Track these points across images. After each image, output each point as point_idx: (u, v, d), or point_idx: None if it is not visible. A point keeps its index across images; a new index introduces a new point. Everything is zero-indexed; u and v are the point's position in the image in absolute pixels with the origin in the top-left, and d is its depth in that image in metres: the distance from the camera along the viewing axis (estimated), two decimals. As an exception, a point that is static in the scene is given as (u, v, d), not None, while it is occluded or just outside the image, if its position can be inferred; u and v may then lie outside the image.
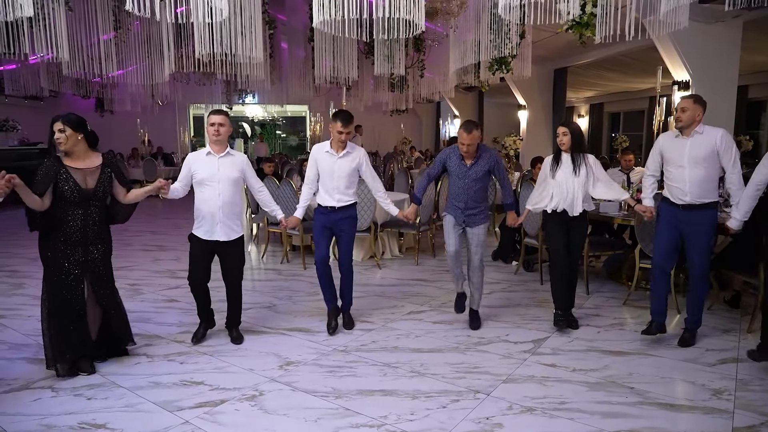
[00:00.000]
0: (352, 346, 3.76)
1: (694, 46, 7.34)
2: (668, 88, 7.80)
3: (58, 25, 5.89)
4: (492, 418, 2.79)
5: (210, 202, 3.61)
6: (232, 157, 3.70)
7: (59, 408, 2.88)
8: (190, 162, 3.68)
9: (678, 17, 4.02)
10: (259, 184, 3.89)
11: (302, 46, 10.14)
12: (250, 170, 3.80)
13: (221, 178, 3.62)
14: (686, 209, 3.60)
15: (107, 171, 3.29)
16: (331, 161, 3.92)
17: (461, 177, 3.91)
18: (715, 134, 3.53)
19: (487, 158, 3.90)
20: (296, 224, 4.12)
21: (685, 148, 3.58)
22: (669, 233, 3.70)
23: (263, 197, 3.92)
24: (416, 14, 3.90)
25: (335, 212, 3.95)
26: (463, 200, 3.92)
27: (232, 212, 3.69)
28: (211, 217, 3.62)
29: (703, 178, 3.54)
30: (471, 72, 8.42)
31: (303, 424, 2.75)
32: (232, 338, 3.84)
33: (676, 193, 3.64)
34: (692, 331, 3.72)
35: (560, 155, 3.99)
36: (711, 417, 2.81)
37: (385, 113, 14.98)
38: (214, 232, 3.64)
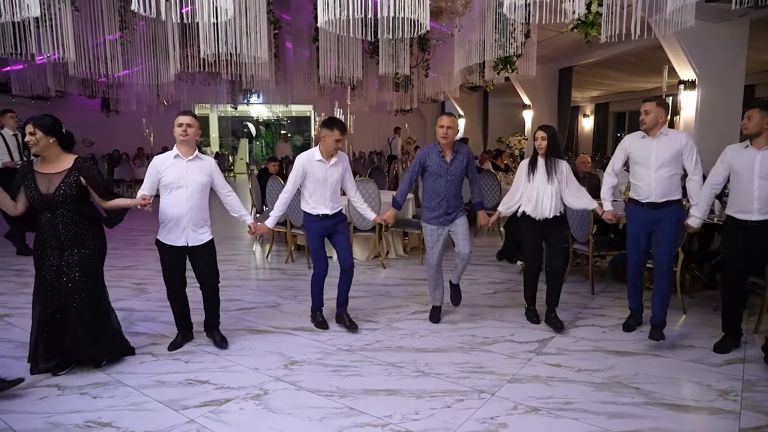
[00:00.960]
0: (357, 346, 3.76)
1: (701, 45, 7.31)
2: (674, 88, 7.77)
3: (65, 25, 5.92)
4: (497, 418, 2.78)
5: (177, 206, 3.47)
6: (200, 160, 3.57)
7: (65, 406, 2.89)
8: (156, 166, 3.51)
9: (684, 16, 4.00)
10: (227, 188, 3.73)
11: (307, 46, 10.16)
12: (219, 174, 3.68)
13: (190, 182, 3.49)
14: (651, 207, 3.71)
15: (74, 175, 3.14)
16: (324, 169, 3.88)
17: (443, 174, 3.91)
18: (679, 137, 3.71)
19: (464, 152, 3.98)
20: (265, 231, 3.94)
21: (652, 148, 3.69)
22: (639, 232, 3.81)
23: (231, 201, 3.75)
24: (421, 14, 3.89)
25: (328, 219, 3.94)
26: (444, 200, 3.93)
27: (200, 217, 3.55)
28: (178, 221, 3.49)
29: (668, 177, 3.66)
30: (476, 71, 8.42)
31: (307, 423, 2.75)
32: (215, 343, 3.73)
33: (642, 192, 3.74)
34: (659, 326, 3.72)
35: (536, 159, 4.01)
36: (717, 418, 2.80)
37: (390, 113, 14.97)
38: (182, 237, 3.51)
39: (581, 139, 18.65)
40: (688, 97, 7.55)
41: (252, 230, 3.83)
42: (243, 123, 23.65)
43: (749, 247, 3.47)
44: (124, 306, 4.64)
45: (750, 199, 3.40)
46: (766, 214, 3.37)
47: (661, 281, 3.74)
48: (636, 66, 11.18)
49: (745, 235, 3.44)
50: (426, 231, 4.04)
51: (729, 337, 3.63)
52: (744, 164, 3.42)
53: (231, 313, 4.45)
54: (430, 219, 4.00)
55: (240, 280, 5.55)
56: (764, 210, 3.37)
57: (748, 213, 3.42)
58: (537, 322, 4.16)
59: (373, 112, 14.27)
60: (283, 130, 21.94)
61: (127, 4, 6.68)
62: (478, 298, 4.69)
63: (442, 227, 3.99)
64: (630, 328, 3.98)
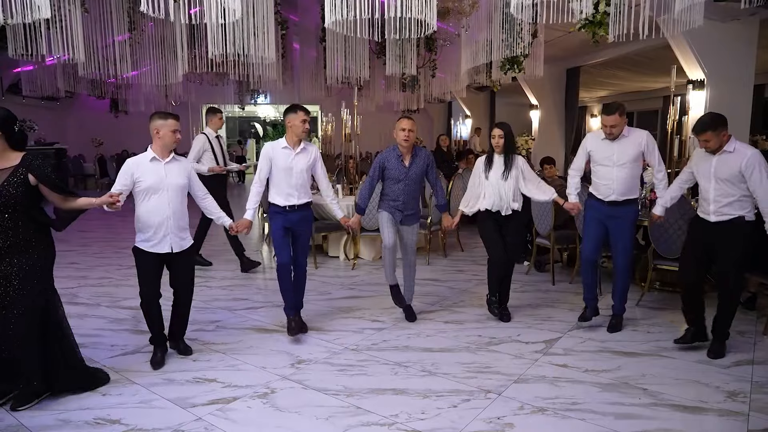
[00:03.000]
0: (363, 345, 3.77)
1: (709, 45, 7.25)
2: (683, 87, 7.71)
3: (74, 26, 5.98)
4: (503, 418, 2.79)
5: (158, 211, 3.31)
6: (178, 162, 3.43)
7: (75, 403, 2.92)
8: (131, 168, 3.29)
9: (693, 15, 3.98)
10: (204, 191, 3.63)
11: (314, 47, 10.18)
12: (195, 175, 3.57)
13: (169, 186, 3.33)
14: (611, 205, 3.86)
15: (20, 173, 2.77)
16: (289, 158, 3.83)
17: (401, 179, 3.92)
18: (640, 136, 3.82)
19: (423, 156, 3.98)
20: (247, 226, 3.81)
21: (614, 148, 3.82)
22: (596, 227, 3.96)
23: (207, 204, 3.65)
24: (428, 14, 3.90)
25: (294, 212, 3.87)
26: (402, 201, 3.98)
27: (181, 221, 3.42)
28: (159, 227, 3.32)
29: (628, 176, 3.82)
30: (483, 72, 8.41)
31: (314, 422, 2.77)
32: (179, 351, 3.59)
33: (603, 190, 3.88)
34: (619, 317, 4.00)
35: (493, 156, 4.08)
36: (725, 419, 2.78)
37: (397, 113, 14.95)
38: (163, 243, 3.34)
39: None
40: (696, 97, 7.48)
41: (234, 230, 3.72)
42: (250, 123, 23.74)
43: (705, 244, 3.60)
44: (132, 305, 4.67)
45: (708, 201, 3.54)
46: (722, 216, 3.49)
47: (623, 276, 3.95)
48: (644, 66, 11.10)
49: (702, 233, 3.60)
50: (380, 216, 4.08)
51: (692, 329, 3.72)
52: (703, 167, 3.57)
53: (238, 312, 4.48)
54: (385, 207, 4.06)
55: (247, 280, 5.58)
56: (720, 212, 3.49)
57: (706, 214, 3.58)
58: (496, 313, 4.24)
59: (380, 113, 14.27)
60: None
61: (135, 5, 6.74)
62: (485, 298, 4.67)
63: (396, 215, 4.04)
64: (586, 318, 4.09)
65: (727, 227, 3.48)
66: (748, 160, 3.35)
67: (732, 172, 3.40)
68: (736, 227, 3.46)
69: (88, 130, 15.41)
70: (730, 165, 3.41)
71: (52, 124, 14.28)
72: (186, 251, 3.48)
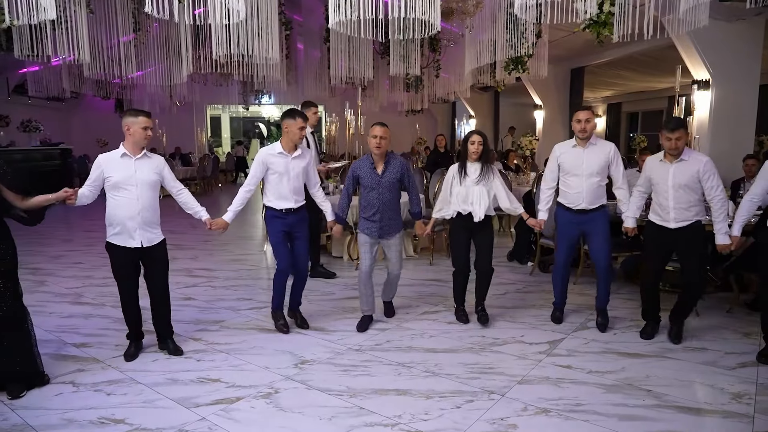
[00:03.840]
0: (367, 346, 3.77)
1: (715, 45, 7.22)
2: (687, 88, 7.68)
3: (80, 27, 6.00)
4: (506, 419, 2.78)
5: (127, 207, 3.34)
6: (149, 158, 3.46)
7: (80, 403, 2.94)
8: (101, 164, 3.35)
9: (698, 15, 3.96)
10: (179, 186, 3.67)
11: (318, 47, 10.21)
12: (168, 171, 3.58)
13: (139, 182, 3.36)
14: (580, 213, 3.95)
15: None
16: (285, 162, 3.85)
17: (374, 187, 3.86)
18: (607, 147, 3.93)
19: (397, 164, 3.89)
20: (223, 227, 3.78)
21: (582, 158, 3.90)
22: (569, 233, 4.07)
23: (183, 199, 3.67)
24: (432, 14, 3.90)
25: (292, 214, 3.90)
26: (378, 212, 3.88)
27: (151, 217, 3.44)
28: (128, 222, 3.35)
29: (596, 185, 3.90)
30: (487, 72, 8.39)
31: (317, 422, 2.77)
32: (169, 351, 3.58)
33: (573, 199, 3.96)
34: (604, 312, 4.10)
35: (466, 163, 4.05)
36: (730, 421, 2.77)
37: (401, 113, 14.98)
38: (133, 238, 3.38)
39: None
40: (701, 98, 7.45)
41: (209, 226, 3.73)
42: (254, 123, 23.79)
43: (667, 249, 3.77)
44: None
45: (667, 209, 3.65)
46: (681, 222, 3.64)
47: (604, 278, 4.03)
48: (649, 66, 11.07)
49: (663, 240, 3.74)
50: (359, 237, 4.02)
51: (650, 324, 3.92)
52: (660, 176, 3.69)
53: (242, 312, 4.49)
54: (363, 228, 3.97)
55: (251, 280, 5.59)
56: (680, 218, 3.63)
57: (665, 221, 3.69)
58: (466, 321, 4.21)
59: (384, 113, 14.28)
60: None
61: (140, 6, 6.77)
62: (489, 299, 4.65)
63: (374, 239, 3.95)
64: (557, 319, 4.19)
65: (687, 234, 3.64)
66: (704, 165, 3.55)
67: (690, 178, 3.57)
68: (696, 232, 3.66)
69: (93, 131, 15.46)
70: (688, 172, 3.57)
71: (58, 125, 14.35)
72: (158, 245, 3.50)
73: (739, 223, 3.58)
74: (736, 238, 3.60)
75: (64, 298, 4.86)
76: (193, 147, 16.28)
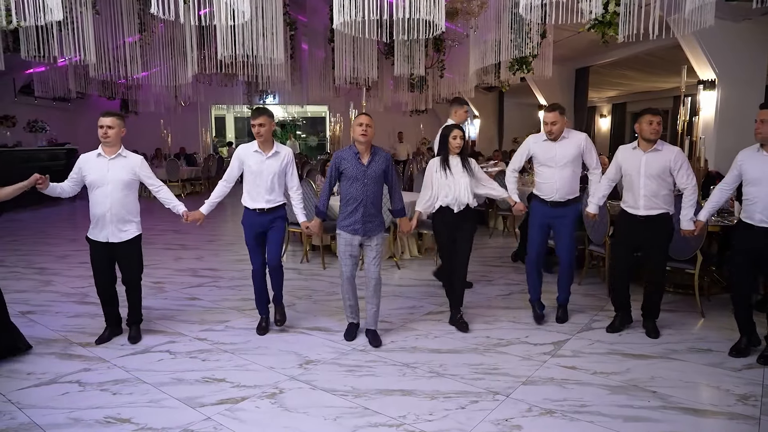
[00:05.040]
0: (371, 346, 3.77)
1: (721, 45, 7.19)
2: (693, 88, 7.66)
3: (86, 28, 6.04)
4: (511, 420, 2.78)
5: (100, 204, 3.59)
6: (124, 158, 3.64)
7: (86, 402, 2.95)
8: (80, 163, 3.63)
9: (703, 15, 3.94)
10: (158, 183, 3.80)
11: (322, 47, 10.22)
12: (146, 171, 3.73)
13: (110, 180, 3.57)
14: (554, 206, 4.02)
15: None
16: (260, 161, 3.82)
17: (359, 178, 3.66)
18: (579, 137, 4.02)
19: (382, 156, 3.78)
20: (198, 219, 3.91)
21: (556, 150, 3.98)
22: (540, 228, 4.13)
23: (162, 195, 3.81)
24: (436, 15, 3.90)
25: (264, 214, 3.87)
26: (360, 205, 3.67)
27: (123, 214, 3.63)
28: (102, 218, 3.60)
29: (570, 176, 3.99)
30: (491, 72, 8.39)
31: (322, 422, 2.78)
32: (129, 337, 3.81)
33: (547, 190, 4.02)
34: (564, 307, 4.23)
35: (448, 157, 4.08)
36: (736, 423, 2.76)
37: (405, 114, 14.98)
38: (106, 233, 3.63)
39: (598, 140, 18.43)
40: (707, 98, 7.42)
41: (186, 218, 3.85)
42: (259, 123, 23.80)
43: (636, 237, 3.85)
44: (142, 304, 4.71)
45: (637, 196, 3.76)
46: (651, 210, 3.75)
47: (567, 272, 4.16)
48: (654, 66, 11.03)
49: (632, 227, 3.83)
50: (339, 239, 3.78)
51: (618, 316, 4.01)
52: (632, 165, 3.79)
53: (247, 312, 4.50)
54: (343, 226, 3.73)
55: (256, 280, 5.60)
56: (649, 206, 3.74)
57: (635, 209, 3.80)
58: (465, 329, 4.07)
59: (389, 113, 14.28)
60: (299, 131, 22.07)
61: (146, 6, 6.80)
62: (493, 299, 4.67)
63: (356, 237, 3.71)
64: (539, 317, 4.20)
65: (656, 223, 3.76)
66: (675, 156, 3.69)
67: (662, 167, 3.69)
68: (664, 222, 3.77)
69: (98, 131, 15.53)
70: (660, 162, 3.70)
71: (64, 125, 14.41)
72: (128, 242, 3.69)
73: (707, 210, 3.72)
74: (701, 223, 3.72)
75: (70, 298, 4.88)
76: (197, 147, 16.32)
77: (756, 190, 3.36)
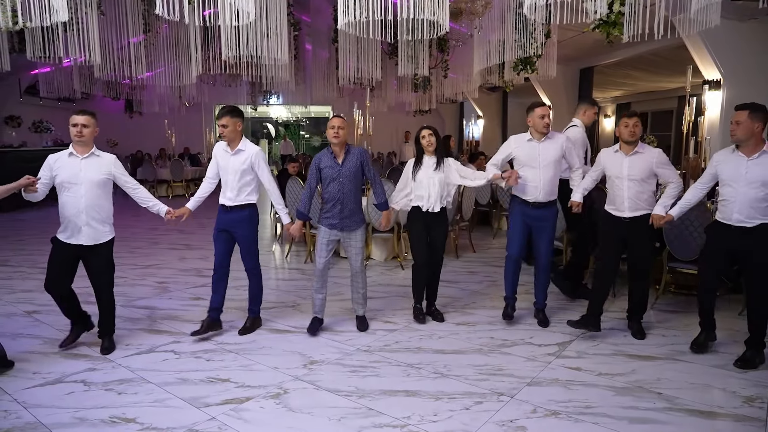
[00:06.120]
0: (376, 347, 3.78)
1: (726, 45, 7.15)
2: (698, 88, 7.62)
3: (91, 29, 6.05)
4: (516, 421, 2.77)
5: (72, 205, 3.44)
6: (97, 158, 3.54)
7: (91, 402, 2.96)
8: (50, 163, 3.48)
9: (709, 15, 3.92)
10: (133, 183, 3.73)
11: (326, 47, 10.22)
12: (120, 170, 3.63)
13: (83, 180, 3.45)
14: (535, 207, 4.06)
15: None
16: (226, 158, 3.88)
17: (335, 177, 3.86)
18: (560, 138, 4.11)
19: (356, 153, 3.94)
20: (184, 213, 3.85)
21: (538, 150, 4.03)
22: (521, 228, 4.16)
23: (139, 195, 3.75)
24: (440, 15, 3.89)
25: (228, 212, 3.89)
26: (339, 203, 3.87)
27: (97, 215, 3.51)
28: (74, 220, 3.45)
29: (553, 177, 4.05)
30: (495, 72, 8.36)
31: (327, 422, 2.78)
32: (102, 348, 3.62)
33: (530, 192, 4.05)
34: (543, 311, 4.24)
35: (422, 157, 4.17)
36: (742, 425, 2.75)
37: (409, 114, 14.97)
38: (77, 236, 3.47)
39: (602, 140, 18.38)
40: (712, 98, 7.39)
41: (170, 215, 3.79)
42: (263, 124, 23.88)
43: (620, 239, 3.91)
44: (147, 304, 4.73)
45: (622, 199, 3.83)
46: (636, 212, 3.81)
47: (544, 273, 4.20)
48: (659, 66, 10.98)
49: (618, 229, 3.90)
50: (318, 233, 4.01)
51: (592, 316, 3.95)
52: (615, 168, 3.87)
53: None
54: (322, 220, 3.97)
55: (260, 280, 5.60)
56: (634, 207, 3.81)
57: (620, 211, 3.86)
58: (423, 321, 4.25)
59: (392, 113, 14.28)
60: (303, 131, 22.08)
61: (151, 7, 6.82)
62: (497, 300, 4.66)
63: (334, 232, 3.92)
64: (509, 316, 4.24)
65: (640, 224, 3.82)
66: (658, 157, 3.80)
67: (645, 169, 3.78)
68: (647, 222, 3.82)
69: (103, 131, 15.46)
70: (643, 164, 3.79)
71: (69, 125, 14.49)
72: (102, 245, 3.56)
73: (680, 207, 3.74)
74: (670, 217, 3.74)
75: (75, 298, 4.89)
76: (201, 147, 16.35)
77: (732, 191, 3.41)
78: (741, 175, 3.36)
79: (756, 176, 3.32)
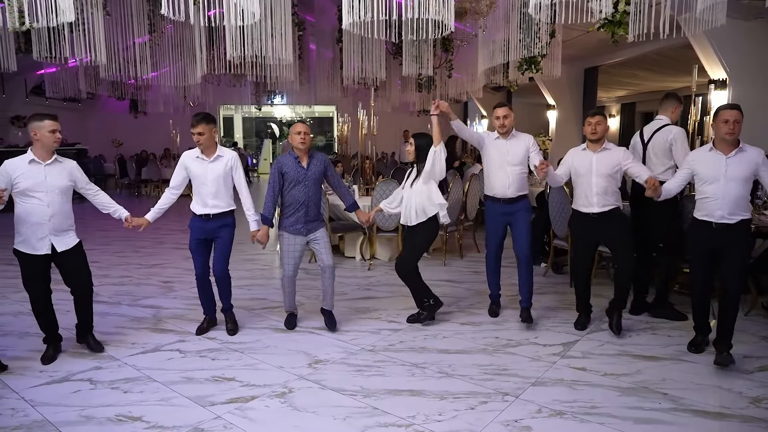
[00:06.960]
0: (380, 346, 3.78)
1: (732, 44, 7.12)
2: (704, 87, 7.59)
3: (97, 29, 6.08)
4: (521, 421, 2.77)
5: (38, 213, 3.28)
6: (60, 163, 3.40)
7: (97, 400, 2.98)
8: (9, 170, 3.25)
9: (715, 14, 3.91)
10: (94, 188, 3.65)
11: (330, 47, 10.23)
12: (81, 175, 3.53)
13: (49, 188, 3.31)
14: (507, 203, 4.13)
15: None
16: (203, 166, 3.80)
17: (300, 181, 3.87)
18: (527, 138, 4.17)
19: (320, 158, 4.02)
20: (141, 224, 3.77)
21: (507, 148, 4.10)
22: (496, 225, 4.22)
23: (100, 200, 3.66)
24: (445, 15, 3.89)
25: (210, 221, 3.83)
26: (303, 206, 3.88)
27: (64, 222, 3.41)
28: (38, 229, 3.30)
29: (519, 175, 4.11)
30: (500, 72, 8.36)
31: (332, 422, 2.78)
32: (89, 346, 3.63)
33: (499, 190, 4.13)
34: (528, 309, 4.20)
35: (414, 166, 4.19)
36: (749, 426, 2.73)
37: (413, 114, 14.97)
38: (42, 244, 3.33)
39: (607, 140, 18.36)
40: (718, 97, 7.35)
41: (129, 222, 3.70)
42: (267, 124, 23.94)
43: (592, 234, 3.97)
44: (152, 303, 4.75)
45: (590, 195, 3.87)
46: (604, 207, 3.84)
47: (525, 269, 4.18)
48: (664, 65, 10.95)
49: (587, 226, 3.94)
50: (282, 240, 3.97)
51: (583, 315, 4.11)
52: (583, 165, 3.90)
53: (256, 311, 4.52)
54: (287, 226, 3.94)
55: (264, 279, 5.63)
56: (602, 203, 3.84)
57: (589, 207, 3.89)
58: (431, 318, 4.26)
59: (397, 113, 14.28)
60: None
61: (156, 7, 6.84)
62: (502, 299, 4.65)
63: (299, 237, 3.93)
64: (494, 313, 4.35)
65: (610, 219, 3.86)
66: (624, 153, 3.86)
67: (612, 166, 3.82)
68: (619, 216, 3.90)
69: (108, 131, 15.65)
70: (610, 160, 3.84)
71: (74, 125, 14.53)
72: (73, 248, 3.47)
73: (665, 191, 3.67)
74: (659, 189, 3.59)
75: (80, 297, 4.91)
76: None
77: (713, 188, 3.38)
78: (721, 173, 3.35)
79: (736, 173, 3.32)
